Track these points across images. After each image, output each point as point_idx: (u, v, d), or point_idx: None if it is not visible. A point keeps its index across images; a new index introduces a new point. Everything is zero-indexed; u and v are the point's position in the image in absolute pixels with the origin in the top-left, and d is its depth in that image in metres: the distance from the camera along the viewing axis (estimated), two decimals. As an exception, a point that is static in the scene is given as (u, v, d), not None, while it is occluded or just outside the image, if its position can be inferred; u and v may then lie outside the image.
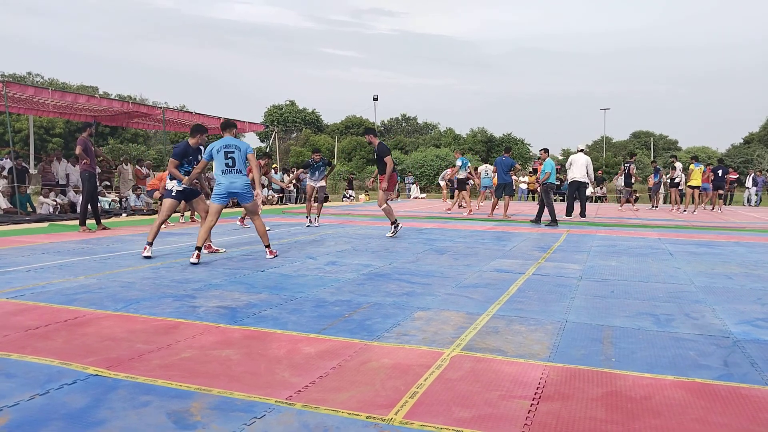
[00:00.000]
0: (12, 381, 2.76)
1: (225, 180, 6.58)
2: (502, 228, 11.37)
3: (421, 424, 2.34)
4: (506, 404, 2.56)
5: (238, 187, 6.61)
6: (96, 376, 2.84)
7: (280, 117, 59.79)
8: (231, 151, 6.57)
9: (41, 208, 13.68)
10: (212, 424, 2.31)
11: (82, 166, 9.99)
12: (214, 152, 6.58)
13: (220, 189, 6.60)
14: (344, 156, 51.78)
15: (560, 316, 4.16)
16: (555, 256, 7.34)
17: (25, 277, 5.43)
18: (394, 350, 3.33)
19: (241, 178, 6.64)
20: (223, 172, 6.58)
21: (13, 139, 21.94)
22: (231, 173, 6.59)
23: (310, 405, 2.52)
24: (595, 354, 3.30)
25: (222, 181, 6.58)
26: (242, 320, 3.95)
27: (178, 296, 4.69)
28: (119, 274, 5.66)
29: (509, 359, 3.18)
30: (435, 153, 45.18)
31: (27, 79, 46.38)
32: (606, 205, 22.64)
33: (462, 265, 6.44)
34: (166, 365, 3.01)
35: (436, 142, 54.15)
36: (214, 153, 6.59)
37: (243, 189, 6.64)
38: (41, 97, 13.66)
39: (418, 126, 68.55)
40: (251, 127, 20.87)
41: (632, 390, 2.75)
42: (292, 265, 6.38)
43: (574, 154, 14.01)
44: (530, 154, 52.98)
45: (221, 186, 6.58)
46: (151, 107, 19.75)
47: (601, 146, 54.03)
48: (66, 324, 3.80)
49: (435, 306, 4.45)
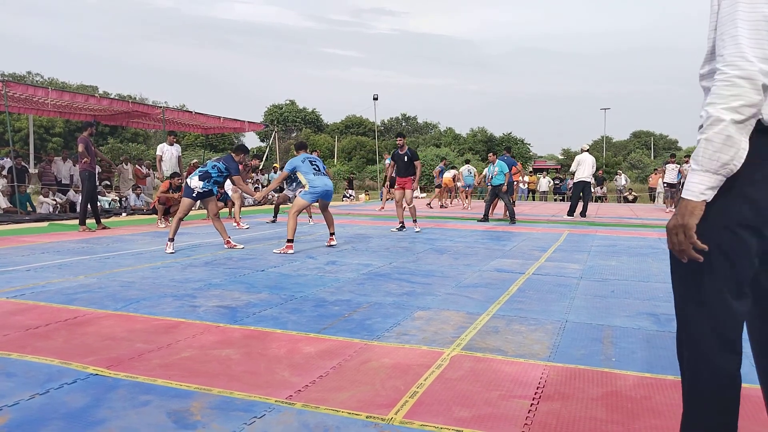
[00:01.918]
0: (12, 380, 2.76)
1: (320, 181, 7.61)
2: (502, 228, 11.37)
3: (421, 423, 2.34)
4: (506, 404, 2.56)
5: (330, 185, 7.77)
6: (96, 375, 2.84)
7: (280, 116, 59.78)
8: (314, 161, 7.82)
9: (41, 208, 13.67)
10: (212, 424, 2.31)
11: (81, 166, 9.98)
12: (299, 164, 7.69)
13: (317, 189, 7.60)
14: (344, 156, 51.80)
15: (560, 316, 4.16)
16: (555, 255, 7.34)
17: (25, 277, 5.43)
18: (394, 350, 3.33)
19: (330, 179, 7.85)
20: (315, 174, 7.63)
21: (13, 139, 21.94)
22: (321, 175, 7.70)
23: (310, 405, 2.51)
24: (595, 354, 3.30)
25: (318, 184, 7.58)
26: (242, 320, 3.95)
27: (178, 296, 4.69)
28: (119, 274, 5.66)
29: (509, 359, 3.18)
30: (435, 153, 45.16)
31: (27, 78, 46.36)
32: (606, 205, 22.64)
33: (462, 265, 6.44)
34: (166, 365, 3.01)
35: (436, 142, 54.16)
36: (298, 164, 7.68)
37: (332, 188, 7.88)
38: (41, 96, 13.65)
39: (418, 126, 68.56)
40: (251, 126, 20.84)
41: (632, 390, 2.75)
42: (292, 264, 6.38)
43: (580, 155, 14.03)
44: (530, 154, 53.02)
45: (317, 187, 7.59)
46: (151, 107, 19.73)
47: (601, 146, 54.05)
48: (66, 323, 3.80)
49: (435, 306, 4.44)
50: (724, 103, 1.45)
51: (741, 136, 1.46)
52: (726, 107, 1.45)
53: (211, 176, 7.55)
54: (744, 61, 1.43)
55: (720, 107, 1.46)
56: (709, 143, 1.48)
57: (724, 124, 1.45)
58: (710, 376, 1.62)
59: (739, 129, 1.45)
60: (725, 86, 1.45)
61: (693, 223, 1.52)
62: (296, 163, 7.71)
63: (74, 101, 14.86)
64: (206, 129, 20.76)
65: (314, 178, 7.59)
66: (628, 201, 26.04)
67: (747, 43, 1.44)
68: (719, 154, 1.47)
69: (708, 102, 1.49)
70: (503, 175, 12.54)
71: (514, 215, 12.49)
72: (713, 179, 1.49)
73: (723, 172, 1.48)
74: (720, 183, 1.50)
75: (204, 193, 7.62)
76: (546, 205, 21.77)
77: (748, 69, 1.43)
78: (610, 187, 30.00)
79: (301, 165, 7.68)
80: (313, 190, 7.60)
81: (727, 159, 1.47)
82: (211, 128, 20.49)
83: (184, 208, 7.60)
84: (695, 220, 1.52)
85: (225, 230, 7.86)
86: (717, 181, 1.50)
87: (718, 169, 1.48)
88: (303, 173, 7.65)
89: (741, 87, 1.43)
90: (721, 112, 1.45)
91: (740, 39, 1.44)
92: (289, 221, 7.47)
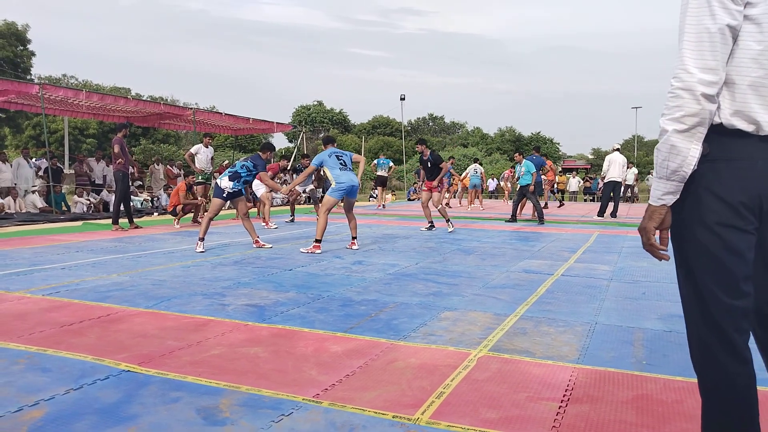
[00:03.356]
0: (48, 375, 2.83)
1: (345, 177, 7.55)
2: (530, 228, 11.26)
3: (447, 424, 2.33)
4: (534, 406, 2.53)
5: (356, 181, 7.70)
6: (128, 372, 2.90)
7: (308, 117, 60.11)
8: (340, 156, 7.73)
9: (75, 207, 14.00)
10: (241, 421, 2.34)
11: (116, 166, 10.20)
12: (326, 158, 7.64)
13: (342, 185, 7.52)
14: (371, 156, 51.87)
15: (590, 318, 4.10)
16: (585, 257, 7.25)
17: (59, 275, 5.57)
18: (421, 350, 3.32)
19: (356, 176, 7.76)
20: (341, 169, 7.59)
21: (49, 140, 22.52)
22: (347, 170, 7.65)
23: (337, 403, 2.53)
24: (625, 356, 3.25)
25: (343, 180, 7.52)
26: (270, 318, 3.99)
27: (207, 294, 4.76)
28: (151, 272, 5.76)
29: (537, 361, 3.15)
30: (462, 152, 44.95)
31: (62, 81, 47.47)
32: (638, 206, 22.24)
33: (489, 266, 6.40)
34: (195, 362, 3.06)
35: (463, 142, 53.88)
36: (325, 159, 7.64)
37: (358, 184, 7.81)
38: (76, 98, 13.98)
39: (445, 125, 68.29)
40: (280, 127, 21.02)
41: (663, 393, 2.70)
42: (319, 264, 6.42)
43: (611, 154, 13.82)
44: (559, 153, 52.37)
45: (343, 183, 7.52)
46: (182, 108, 20.08)
47: (632, 145, 53.14)
48: (99, 321, 3.89)
49: (462, 306, 4.42)
50: (668, 114, 1.55)
51: (688, 144, 1.54)
52: (669, 118, 1.55)
53: (240, 176, 7.68)
54: (685, 73, 1.52)
55: (665, 119, 1.56)
56: (658, 152, 1.59)
57: (667, 134, 1.56)
58: (717, 377, 1.62)
59: (684, 138, 1.54)
60: (670, 98, 1.55)
61: (651, 226, 1.63)
62: (323, 158, 7.71)
63: (108, 103, 15.19)
64: (236, 130, 21.01)
65: (340, 174, 7.56)
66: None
67: (689, 55, 1.52)
68: (667, 162, 1.57)
69: (661, 113, 1.59)
70: (530, 175, 12.41)
71: (542, 216, 12.36)
72: (668, 185, 1.59)
73: (675, 179, 1.58)
74: (677, 188, 1.59)
75: (234, 193, 7.74)
76: (575, 206, 21.50)
77: (687, 80, 1.51)
78: (642, 187, 29.48)
79: (328, 159, 7.65)
80: (339, 186, 7.57)
81: (675, 166, 1.56)
82: (240, 129, 20.73)
83: (215, 208, 7.73)
84: (654, 223, 1.63)
85: (254, 230, 7.95)
86: (673, 187, 1.59)
87: (669, 175, 1.58)
88: (329, 168, 7.65)
89: (682, 98, 1.52)
90: (665, 123, 1.56)
91: (684, 51, 1.53)
92: (320, 220, 7.49)
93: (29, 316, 3.97)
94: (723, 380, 1.61)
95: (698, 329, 1.65)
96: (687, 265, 1.64)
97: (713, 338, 1.61)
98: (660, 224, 1.64)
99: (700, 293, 1.61)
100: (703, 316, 1.62)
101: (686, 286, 1.67)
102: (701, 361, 1.66)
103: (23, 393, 2.60)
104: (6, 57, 38.60)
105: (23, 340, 3.42)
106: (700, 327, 1.64)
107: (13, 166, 13.95)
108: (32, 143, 36.82)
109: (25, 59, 40.77)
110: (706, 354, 1.63)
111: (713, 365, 1.62)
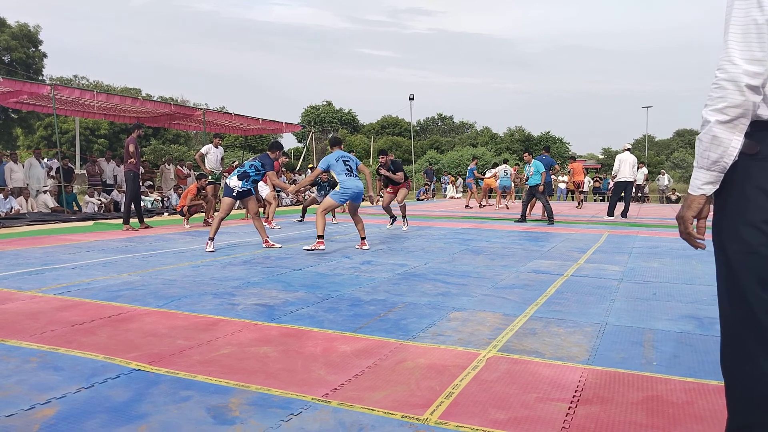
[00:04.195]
0: (59, 374, 2.86)
1: (351, 183, 7.52)
2: (540, 228, 11.23)
3: (456, 424, 2.33)
4: (543, 407, 2.53)
5: (361, 187, 7.70)
6: (138, 370, 2.92)
7: (317, 117, 60.25)
8: (347, 160, 7.68)
9: (86, 207, 14.11)
10: (250, 420, 2.35)
11: (127, 166, 10.26)
12: (333, 162, 7.58)
13: (347, 191, 7.53)
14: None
15: (600, 319, 4.08)
16: (595, 257, 7.21)
17: (71, 274, 5.61)
18: (430, 350, 3.32)
19: (361, 182, 7.76)
20: (347, 175, 7.54)
21: (60, 140, 22.69)
22: (353, 176, 7.61)
23: (346, 403, 2.53)
24: (635, 357, 3.23)
25: (349, 186, 7.51)
26: (279, 318, 4.00)
27: (217, 294, 4.78)
28: (161, 272, 5.80)
29: (547, 361, 3.14)
30: (471, 152, 44.87)
31: (73, 81, 47.82)
32: (648, 206, 22.12)
33: (499, 266, 6.38)
34: (205, 361, 3.07)
35: (472, 142, 53.77)
36: (332, 162, 7.58)
37: (363, 190, 7.80)
38: (87, 99, 14.08)
39: (454, 125, 68.19)
40: (289, 127, 21.09)
41: (674, 395, 2.69)
42: (328, 264, 6.43)
43: (621, 154, 13.75)
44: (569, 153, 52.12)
45: (349, 189, 7.52)
46: (192, 109, 20.17)
47: (643, 145, 52.83)
48: (110, 320, 3.92)
49: (471, 306, 4.42)
50: (711, 105, 1.56)
51: (730, 135, 1.55)
52: (712, 109, 1.56)
53: (249, 176, 7.71)
54: (730, 65, 1.53)
55: (708, 109, 1.57)
56: (700, 143, 1.60)
57: (710, 125, 1.57)
58: (752, 378, 1.58)
59: (726, 129, 1.55)
60: (713, 89, 1.56)
61: (690, 215, 1.66)
62: (330, 161, 7.65)
63: (119, 104, 15.29)
64: (245, 130, 21.09)
65: (346, 179, 7.53)
66: (671, 201, 25.48)
67: (735, 47, 1.53)
68: (708, 153, 1.58)
69: (704, 104, 1.60)
70: (539, 175, 12.38)
71: (552, 216, 12.31)
72: (708, 175, 1.61)
73: (715, 169, 1.59)
74: (717, 179, 1.61)
75: (244, 192, 7.77)
76: (585, 206, 21.40)
77: (732, 72, 1.52)
78: (652, 187, 29.31)
79: (335, 164, 7.61)
80: (343, 191, 7.54)
81: (716, 157, 1.57)
82: (250, 129, 20.80)
83: (226, 207, 7.74)
84: (692, 212, 1.66)
85: (264, 229, 7.98)
86: (713, 177, 1.61)
87: (710, 166, 1.59)
88: (336, 173, 7.62)
89: (726, 89, 1.53)
90: (708, 113, 1.57)
91: (730, 43, 1.54)
92: (318, 220, 7.50)
93: (41, 315, 4.01)
94: (758, 381, 1.57)
95: (734, 328, 1.62)
96: (728, 263, 1.63)
97: (752, 338, 1.58)
98: (698, 214, 1.65)
99: (742, 292, 1.59)
100: (744, 315, 1.59)
101: (725, 284, 1.65)
102: (734, 362, 1.63)
103: (35, 391, 2.63)
104: (18, 58, 38.94)
105: (35, 338, 3.46)
106: (737, 326, 1.61)
107: (25, 167, 14.08)
108: (44, 143, 37.15)
109: (37, 60, 41.12)
110: (741, 353, 1.60)
111: (748, 366, 1.58)
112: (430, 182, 28.26)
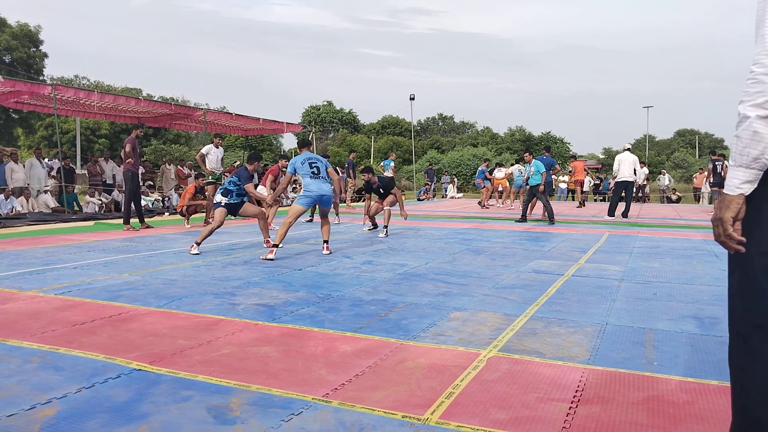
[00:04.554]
0: (60, 374, 2.86)
1: (315, 186, 7.16)
2: (540, 228, 11.22)
3: (457, 424, 2.33)
4: (544, 407, 2.53)
5: (326, 191, 7.28)
6: (139, 370, 2.92)
7: (318, 117, 60.29)
8: (314, 162, 7.29)
9: (87, 207, 14.11)
10: (251, 420, 2.35)
11: (125, 166, 10.26)
12: (298, 165, 7.24)
13: (310, 194, 7.16)
14: (381, 156, 51.86)
15: (600, 319, 4.08)
16: (595, 257, 7.21)
17: (71, 274, 5.61)
18: (430, 350, 3.32)
19: (328, 185, 7.37)
20: (312, 177, 7.18)
21: (61, 140, 22.71)
22: (319, 179, 7.21)
23: (347, 403, 2.53)
24: (636, 357, 3.23)
25: (312, 189, 7.15)
26: (280, 318, 4.00)
27: (218, 294, 4.78)
28: (162, 272, 5.80)
29: (547, 361, 3.14)
30: (472, 152, 44.87)
31: (74, 81, 47.83)
32: (649, 206, 22.11)
33: (499, 266, 6.38)
34: (206, 361, 3.08)
35: (473, 142, 53.75)
36: (298, 165, 7.24)
37: (329, 193, 7.41)
38: (88, 99, 14.09)
39: (454, 125, 68.18)
40: (289, 127, 21.07)
41: (674, 395, 2.69)
42: (329, 264, 6.43)
43: (621, 153, 13.74)
44: (570, 153, 52.11)
45: (312, 192, 7.15)
46: (193, 109, 20.17)
47: (643, 145, 52.81)
48: (111, 320, 3.92)
49: (471, 306, 4.42)
50: (750, 100, 1.51)
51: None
52: (752, 104, 1.51)
53: (231, 191, 7.49)
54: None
55: (747, 104, 1.52)
56: (738, 140, 1.54)
57: (749, 120, 1.51)
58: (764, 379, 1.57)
59: (766, 124, 1.50)
60: (751, 83, 1.51)
61: (729, 216, 1.57)
62: (296, 164, 7.29)
63: (119, 104, 15.30)
64: (246, 130, 21.09)
65: (310, 182, 7.16)
66: (671, 201, 25.46)
67: None
68: (748, 149, 1.52)
69: (739, 100, 1.55)
70: (540, 175, 12.38)
71: (552, 216, 12.31)
72: (747, 173, 1.55)
73: (756, 166, 1.53)
74: (756, 177, 1.55)
75: (235, 205, 7.53)
76: (586, 205, 21.38)
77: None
78: (653, 187, 29.30)
79: (300, 167, 7.24)
80: (306, 194, 7.19)
81: (757, 153, 1.52)
82: (250, 129, 20.80)
83: (219, 218, 7.40)
84: (731, 213, 1.57)
85: (267, 230, 7.98)
86: (752, 175, 1.55)
87: (750, 163, 1.53)
88: (301, 175, 7.28)
89: (764, 83, 1.48)
90: (747, 109, 1.52)
91: (767, 37, 1.49)
92: (280, 228, 7.00)
93: (42, 315, 4.01)
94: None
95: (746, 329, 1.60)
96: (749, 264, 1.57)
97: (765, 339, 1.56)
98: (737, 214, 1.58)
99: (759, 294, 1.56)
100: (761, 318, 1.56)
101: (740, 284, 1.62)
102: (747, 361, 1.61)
103: (36, 391, 2.63)
104: (19, 58, 38.96)
105: (36, 338, 3.46)
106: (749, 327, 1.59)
107: (26, 167, 14.08)
108: (45, 143, 37.15)
109: (38, 60, 41.13)
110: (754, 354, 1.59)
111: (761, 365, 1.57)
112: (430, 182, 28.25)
